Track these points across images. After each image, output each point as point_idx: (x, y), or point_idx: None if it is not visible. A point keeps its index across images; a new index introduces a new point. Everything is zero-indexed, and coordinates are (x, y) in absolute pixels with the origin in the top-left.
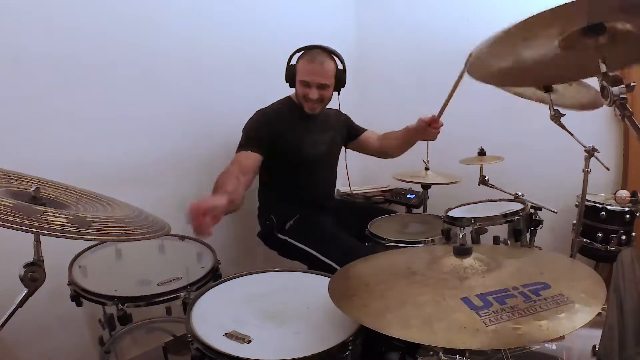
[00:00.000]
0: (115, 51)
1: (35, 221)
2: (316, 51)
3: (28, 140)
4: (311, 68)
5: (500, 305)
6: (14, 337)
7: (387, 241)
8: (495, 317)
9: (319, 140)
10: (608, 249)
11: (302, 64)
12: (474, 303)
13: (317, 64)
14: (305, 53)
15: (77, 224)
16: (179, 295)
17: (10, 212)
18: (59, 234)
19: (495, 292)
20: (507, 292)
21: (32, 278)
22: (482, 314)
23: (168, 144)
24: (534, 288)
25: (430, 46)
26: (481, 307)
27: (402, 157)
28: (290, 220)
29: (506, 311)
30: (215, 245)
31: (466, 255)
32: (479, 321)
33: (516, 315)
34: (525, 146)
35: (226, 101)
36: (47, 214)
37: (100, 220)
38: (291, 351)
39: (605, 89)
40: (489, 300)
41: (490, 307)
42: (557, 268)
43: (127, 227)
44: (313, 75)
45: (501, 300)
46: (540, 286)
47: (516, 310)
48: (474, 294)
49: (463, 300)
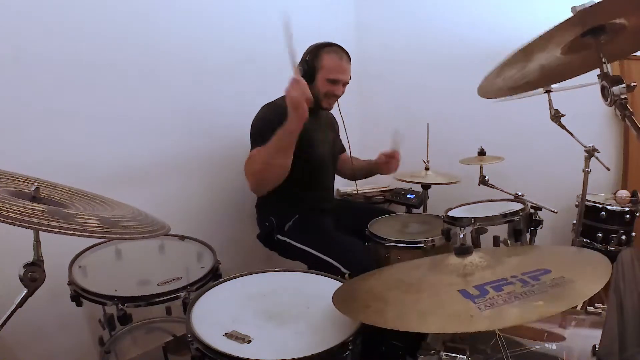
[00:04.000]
0: (116, 51)
1: (73, 224)
2: (338, 48)
3: (28, 140)
4: (341, 65)
5: (496, 292)
6: (14, 337)
7: (387, 241)
8: (490, 302)
9: (324, 139)
10: (608, 249)
11: (330, 60)
12: (470, 293)
13: (345, 62)
14: (328, 49)
15: (108, 225)
16: (179, 295)
17: (48, 217)
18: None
19: (493, 282)
20: (505, 280)
21: (31, 278)
22: (478, 301)
23: (168, 143)
24: (534, 274)
25: (430, 46)
26: (477, 296)
27: (402, 157)
28: (290, 221)
29: (502, 297)
30: (215, 245)
31: (467, 255)
32: (474, 308)
33: (512, 299)
34: (525, 146)
35: (226, 101)
36: (80, 217)
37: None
38: (291, 351)
39: (606, 89)
40: (486, 289)
41: (486, 294)
42: (561, 256)
43: (140, 225)
44: (342, 73)
45: (498, 287)
46: (540, 272)
47: (512, 295)
48: (472, 285)
49: (460, 292)
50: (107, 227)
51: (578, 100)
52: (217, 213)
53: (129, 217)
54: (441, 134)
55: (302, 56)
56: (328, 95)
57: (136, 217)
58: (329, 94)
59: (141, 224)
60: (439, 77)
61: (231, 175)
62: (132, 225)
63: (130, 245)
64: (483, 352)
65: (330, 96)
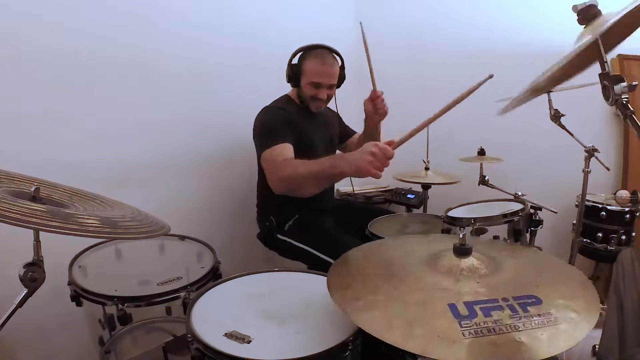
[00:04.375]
0: (116, 51)
1: (74, 224)
2: (323, 51)
3: (28, 140)
4: (323, 70)
5: (484, 317)
6: (14, 337)
7: None
8: (475, 330)
9: (323, 139)
10: (608, 249)
11: (312, 64)
12: (459, 311)
13: (328, 66)
14: (312, 53)
15: (108, 225)
16: (179, 295)
17: (48, 217)
18: (97, 235)
19: (483, 302)
20: (496, 302)
21: (31, 278)
22: (464, 324)
23: (168, 143)
24: (524, 302)
25: (430, 46)
26: (465, 317)
27: (402, 157)
28: (290, 221)
29: (488, 324)
30: (215, 245)
31: (466, 256)
32: (458, 331)
33: (497, 330)
34: (525, 146)
35: (226, 101)
36: (80, 217)
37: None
38: (291, 351)
39: (607, 88)
40: (475, 310)
41: (474, 317)
42: (554, 278)
43: (140, 225)
44: (325, 77)
45: (487, 311)
46: (531, 300)
47: (499, 324)
48: (462, 301)
49: (450, 306)
50: (107, 227)
51: (578, 100)
52: (217, 213)
53: (129, 217)
54: (441, 134)
55: (289, 59)
56: (314, 98)
57: (136, 217)
58: (314, 98)
59: (141, 224)
60: (439, 77)
61: (231, 175)
62: (132, 225)
63: (130, 245)
64: None
65: (315, 99)
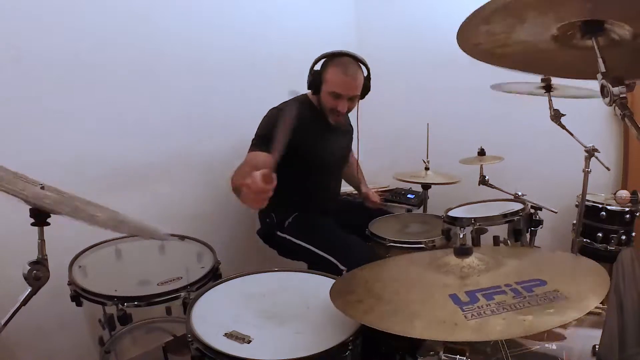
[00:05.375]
0: (116, 51)
1: (83, 214)
2: (347, 60)
3: (28, 140)
4: (345, 80)
5: (487, 301)
6: (13, 337)
7: (387, 241)
8: (478, 311)
9: (336, 146)
10: (608, 249)
11: (334, 74)
12: (461, 299)
13: (350, 77)
14: (335, 62)
15: (114, 221)
16: (179, 295)
17: (60, 202)
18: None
19: (485, 290)
20: (499, 288)
21: (36, 277)
22: (466, 309)
23: (169, 143)
24: (528, 285)
25: (431, 47)
26: (466, 303)
27: (402, 157)
28: (289, 218)
29: (491, 307)
30: (215, 245)
31: (466, 255)
32: (460, 315)
33: (500, 310)
34: (525, 146)
35: (226, 101)
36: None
37: None
38: (291, 351)
39: (605, 88)
40: (477, 296)
41: (476, 302)
42: (560, 265)
43: None
44: (346, 88)
45: (489, 296)
46: (535, 283)
47: (502, 305)
48: (463, 291)
49: (450, 296)
50: (114, 222)
51: (578, 100)
52: (217, 213)
53: None
54: (441, 134)
55: (312, 64)
56: (333, 111)
57: None
58: (333, 110)
59: None
60: (439, 77)
61: None
62: None
63: (130, 245)
64: (483, 353)
65: (334, 112)
